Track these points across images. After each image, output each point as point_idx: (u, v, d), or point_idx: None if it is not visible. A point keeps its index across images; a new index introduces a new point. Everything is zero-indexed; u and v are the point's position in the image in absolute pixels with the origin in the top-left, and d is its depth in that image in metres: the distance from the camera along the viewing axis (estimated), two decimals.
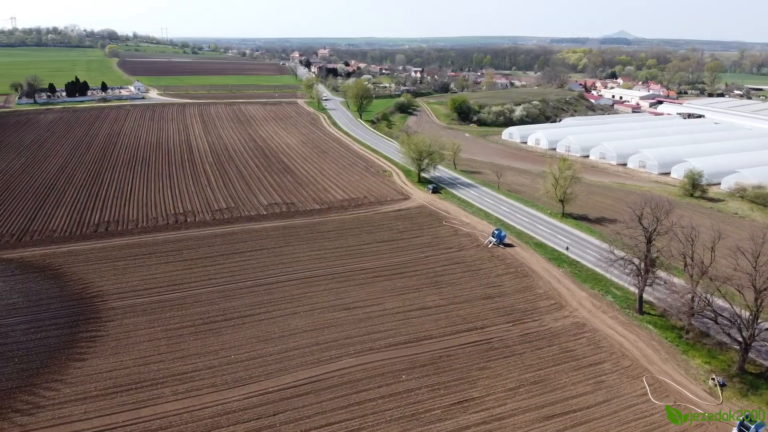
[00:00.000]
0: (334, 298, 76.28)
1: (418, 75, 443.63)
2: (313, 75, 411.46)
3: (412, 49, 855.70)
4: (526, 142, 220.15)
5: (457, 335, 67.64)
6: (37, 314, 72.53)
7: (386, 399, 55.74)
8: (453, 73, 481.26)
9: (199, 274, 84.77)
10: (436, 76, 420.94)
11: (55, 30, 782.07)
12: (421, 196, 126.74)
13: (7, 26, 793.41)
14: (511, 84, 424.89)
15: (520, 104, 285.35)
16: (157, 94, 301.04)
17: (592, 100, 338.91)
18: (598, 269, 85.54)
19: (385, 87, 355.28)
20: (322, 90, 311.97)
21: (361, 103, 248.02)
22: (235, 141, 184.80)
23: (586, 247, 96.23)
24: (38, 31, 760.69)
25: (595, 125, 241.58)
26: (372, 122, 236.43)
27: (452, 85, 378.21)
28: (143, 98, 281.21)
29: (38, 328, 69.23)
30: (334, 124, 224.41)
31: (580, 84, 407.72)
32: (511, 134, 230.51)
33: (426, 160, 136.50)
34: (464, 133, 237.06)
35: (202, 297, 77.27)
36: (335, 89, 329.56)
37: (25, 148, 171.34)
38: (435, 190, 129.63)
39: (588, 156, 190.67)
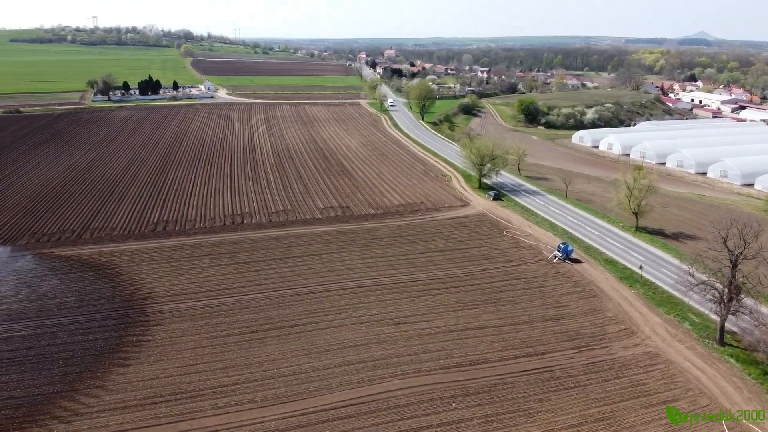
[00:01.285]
0: (383, 311, 72.59)
1: (485, 75, 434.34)
2: (378, 76, 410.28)
3: (480, 48, 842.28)
4: (597, 147, 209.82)
5: (514, 360, 62.43)
6: (87, 315, 72.61)
7: (434, 429, 51.40)
8: (521, 74, 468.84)
9: (251, 278, 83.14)
10: (503, 77, 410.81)
11: (134, 29, 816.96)
12: (481, 203, 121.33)
13: (89, 25, 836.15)
14: (583, 85, 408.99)
15: (591, 107, 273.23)
16: (226, 93, 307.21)
17: (669, 104, 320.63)
18: (675, 292, 77.74)
19: (450, 87, 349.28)
20: (386, 91, 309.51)
21: (423, 104, 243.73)
22: (296, 142, 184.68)
23: (661, 266, 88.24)
24: (118, 30, 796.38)
25: (672, 130, 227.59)
26: (434, 124, 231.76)
27: (520, 86, 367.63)
28: (212, 98, 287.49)
29: (87, 329, 69.10)
30: (395, 125, 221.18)
31: (657, 86, 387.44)
32: (582, 138, 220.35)
33: (488, 165, 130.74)
34: (531, 136, 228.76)
35: (251, 303, 75.43)
36: (399, 90, 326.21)
37: (95, 144, 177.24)
38: (496, 197, 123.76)
39: (664, 163, 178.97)
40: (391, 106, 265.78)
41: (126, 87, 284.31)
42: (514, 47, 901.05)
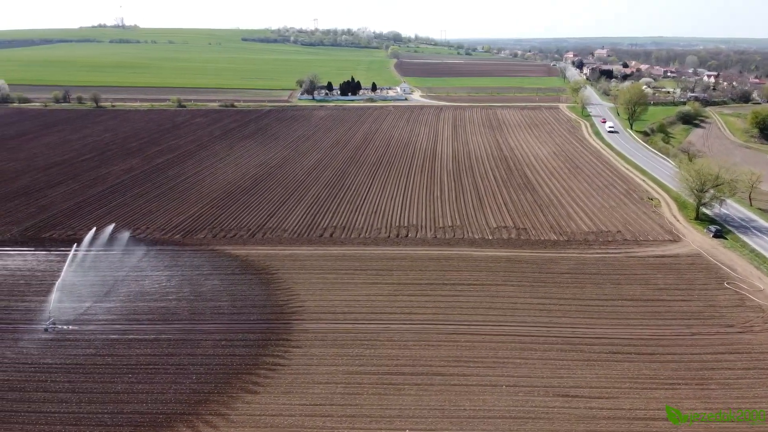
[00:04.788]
0: (550, 375, 58.73)
1: (711, 80, 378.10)
2: (584, 77, 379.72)
3: (707, 50, 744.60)
4: None
5: None
6: (235, 324, 70.32)
7: None
8: (757, 80, 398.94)
9: (402, 304, 74.74)
10: (734, 83, 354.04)
11: (349, 31, 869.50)
12: (696, 239, 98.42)
13: (310, 27, 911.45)
14: None
15: None
16: (420, 95, 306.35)
17: None
18: None
19: (668, 92, 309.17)
20: (590, 94, 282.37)
21: (633, 110, 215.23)
22: (480, 148, 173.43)
23: None
24: (334, 32, 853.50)
25: None
26: (644, 134, 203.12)
27: (755, 95, 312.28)
28: (406, 99, 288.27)
29: (229, 341, 66.46)
30: (596, 133, 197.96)
31: None
32: None
33: (711, 192, 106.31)
34: (767, 156, 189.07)
35: (396, 336, 66.86)
36: (605, 93, 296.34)
37: (292, 141, 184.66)
38: (718, 234, 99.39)
39: None
40: (595, 110, 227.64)
41: (329, 87, 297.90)
42: (749, 49, 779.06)
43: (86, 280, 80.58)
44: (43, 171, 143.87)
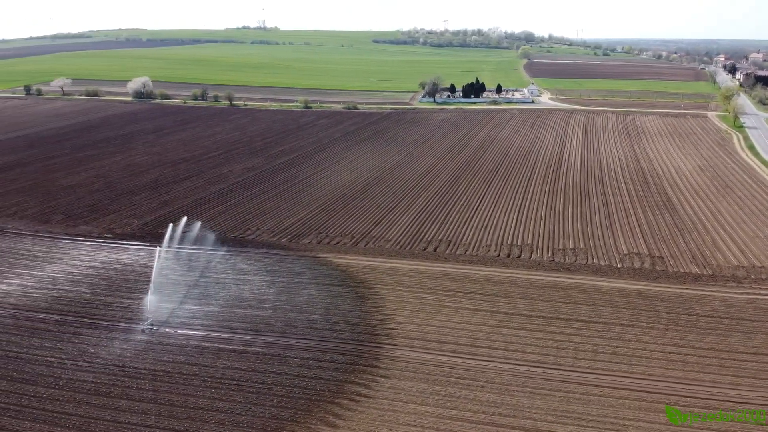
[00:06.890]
0: None
1: None
2: (736, 83, 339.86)
3: None
4: None
5: None
6: (325, 342, 66.67)
7: None
8: None
9: (507, 339, 66.77)
10: None
11: (479, 32, 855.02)
12: None
13: (440, 28, 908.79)
14: None
15: None
16: (548, 98, 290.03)
17: None
18: None
19: None
20: (744, 102, 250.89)
21: None
22: (613, 158, 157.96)
23: None
24: (464, 32, 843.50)
25: None
26: None
27: None
28: (532, 102, 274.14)
29: (317, 361, 62.72)
30: (751, 147, 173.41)
31: None
32: None
33: None
34: None
35: (496, 378, 59.22)
36: (762, 102, 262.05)
37: (408, 145, 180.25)
38: None
39: None
40: (746, 115, 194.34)
41: (452, 89, 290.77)
42: None
43: (182, 280, 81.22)
44: (172, 166, 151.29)
